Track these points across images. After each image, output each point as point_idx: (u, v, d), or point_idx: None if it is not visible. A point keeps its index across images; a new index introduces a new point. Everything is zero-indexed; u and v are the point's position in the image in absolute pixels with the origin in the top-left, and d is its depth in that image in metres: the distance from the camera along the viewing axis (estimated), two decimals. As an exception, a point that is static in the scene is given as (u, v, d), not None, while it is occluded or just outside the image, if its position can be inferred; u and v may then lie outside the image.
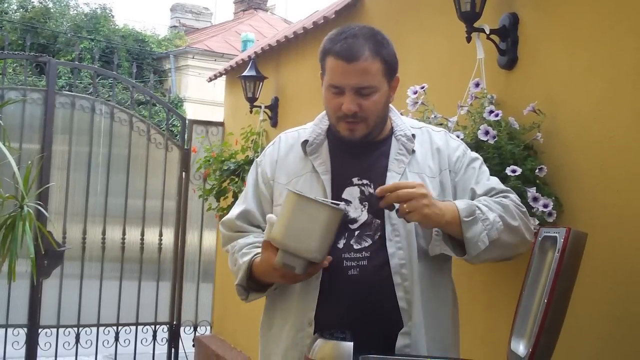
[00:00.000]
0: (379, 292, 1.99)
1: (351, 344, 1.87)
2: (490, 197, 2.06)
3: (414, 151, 2.10)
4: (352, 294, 2.00)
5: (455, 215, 1.93)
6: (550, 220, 2.42)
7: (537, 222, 2.42)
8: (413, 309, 1.99)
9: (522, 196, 2.45)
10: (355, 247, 2.02)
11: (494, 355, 2.44)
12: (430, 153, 2.11)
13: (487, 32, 2.77)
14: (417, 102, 2.91)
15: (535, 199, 2.43)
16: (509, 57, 2.79)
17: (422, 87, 2.92)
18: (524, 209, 2.08)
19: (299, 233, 1.83)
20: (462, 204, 1.97)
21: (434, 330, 2.02)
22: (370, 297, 1.99)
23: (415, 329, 1.98)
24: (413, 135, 2.12)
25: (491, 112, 2.63)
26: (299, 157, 2.16)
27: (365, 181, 2.06)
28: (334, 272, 2.00)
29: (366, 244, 2.01)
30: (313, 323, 2.01)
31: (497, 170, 2.52)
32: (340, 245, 2.02)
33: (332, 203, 1.85)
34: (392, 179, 2.04)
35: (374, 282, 2.00)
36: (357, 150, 2.09)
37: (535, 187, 2.45)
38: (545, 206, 2.41)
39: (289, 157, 2.18)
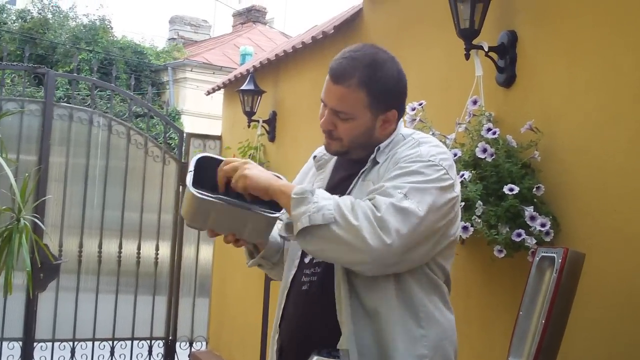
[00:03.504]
0: (323, 306, 1.98)
1: (346, 362, 1.86)
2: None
3: (377, 162, 2.02)
4: (301, 308, 2.05)
5: (287, 188, 1.89)
6: (548, 239, 2.41)
7: (534, 241, 2.41)
8: (343, 322, 1.94)
9: (520, 215, 2.45)
10: (313, 261, 2.04)
11: (491, 375, 2.42)
12: (387, 160, 2.02)
13: (486, 50, 2.78)
14: (415, 119, 2.91)
15: (532, 218, 2.42)
16: (507, 75, 2.79)
17: (420, 104, 2.93)
18: (380, 215, 1.78)
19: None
20: (306, 185, 1.95)
21: (361, 345, 1.94)
22: (314, 312, 2.01)
23: (346, 343, 1.93)
24: (379, 148, 2.04)
25: (489, 129, 2.63)
26: (314, 171, 2.22)
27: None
28: (294, 286, 2.08)
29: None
30: (278, 331, 2.11)
31: (494, 189, 2.52)
32: (307, 260, 2.07)
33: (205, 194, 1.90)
34: (348, 187, 2.02)
35: (318, 297, 2.00)
36: (351, 167, 2.09)
37: (532, 206, 2.45)
38: (543, 225, 2.41)
39: (312, 170, 2.24)
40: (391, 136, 2.06)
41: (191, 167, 2.00)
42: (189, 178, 1.95)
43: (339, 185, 2.08)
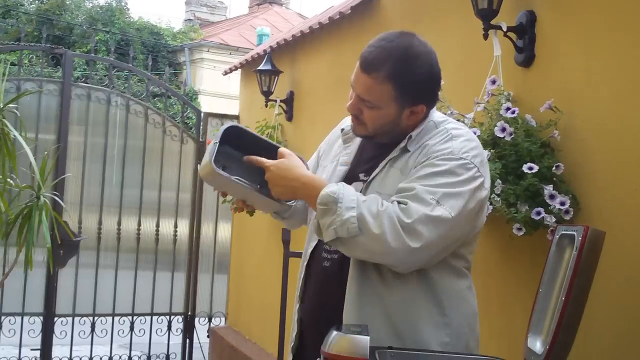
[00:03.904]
0: (342, 285, 2.01)
1: (367, 338, 1.88)
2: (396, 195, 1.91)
3: (408, 150, 2.02)
4: (321, 284, 2.11)
5: (312, 194, 1.94)
6: (567, 218, 2.42)
7: (554, 219, 2.42)
8: (349, 303, 1.99)
9: (539, 194, 2.46)
10: None
11: (510, 351, 2.44)
12: (418, 150, 2.00)
13: (504, 30, 2.78)
14: (434, 98, 2.91)
15: (552, 197, 2.43)
16: (526, 55, 2.79)
17: (439, 83, 2.93)
18: (409, 222, 1.81)
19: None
20: (329, 189, 1.90)
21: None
22: (334, 290, 2.04)
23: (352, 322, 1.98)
24: (410, 137, 2.04)
25: (508, 109, 2.63)
26: (340, 142, 2.24)
27: (368, 178, 2.07)
28: (315, 261, 2.13)
29: None
30: (299, 300, 2.20)
31: (513, 168, 2.53)
32: None
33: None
34: (373, 167, 2.05)
35: (337, 275, 2.04)
36: (378, 148, 2.10)
37: (552, 185, 2.45)
38: (562, 204, 2.42)
39: (338, 141, 2.25)
40: (422, 124, 2.05)
41: (217, 138, 2.07)
42: (213, 149, 2.04)
43: (364, 164, 2.11)
